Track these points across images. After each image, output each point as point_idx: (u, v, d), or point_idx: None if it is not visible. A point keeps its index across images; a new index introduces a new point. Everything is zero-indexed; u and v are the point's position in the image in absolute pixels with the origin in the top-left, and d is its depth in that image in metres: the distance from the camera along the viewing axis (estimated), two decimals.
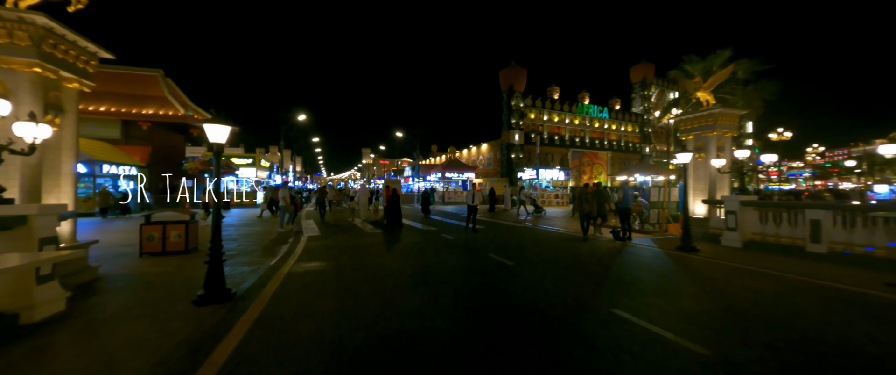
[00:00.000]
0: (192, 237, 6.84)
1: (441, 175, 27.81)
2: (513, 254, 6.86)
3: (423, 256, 6.80)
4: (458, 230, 10.59)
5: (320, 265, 5.90)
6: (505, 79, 28.74)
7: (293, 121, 22.26)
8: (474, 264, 6.13)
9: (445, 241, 8.62)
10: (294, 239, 8.73)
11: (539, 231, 10.59)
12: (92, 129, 18.21)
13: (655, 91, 38.20)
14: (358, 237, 9.21)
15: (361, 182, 77.83)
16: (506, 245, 7.98)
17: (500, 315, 3.68)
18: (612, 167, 34.82)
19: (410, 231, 10.52)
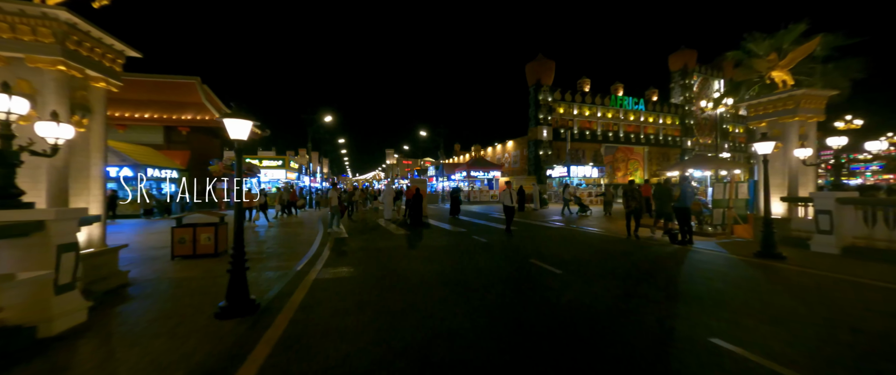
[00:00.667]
0: (222, 240, 6.69)
1: (466, 174, 27.17)
2: (558, 260, 6.10)
3: (457, 261, 6.21)
4: (489, 232, 9.91)
5: (348, 271, 5.48)
6: (532, 72, 27.57)
7: (320, 122, 22.55)
8: (517, 271, 5.45)
9: (479, 244, 7.99)
10: (321, 242, 8.47)
11: (580, 233, 9.68)
12: (137, 135, 19.37)
13: (697, 79, 35.25)
14: (386, 239, 8.80)
15: (386, 182, 78.91)
16: (547, 249, 7.21)
17: (569, 343, 3.00)
18: (649, 163, 32.52)
19: (439, 233, 9.98)
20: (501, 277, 5.14)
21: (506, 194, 9.26)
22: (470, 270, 5.56)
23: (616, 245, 7.66)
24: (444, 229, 10.72)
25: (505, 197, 9.27)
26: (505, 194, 9.27)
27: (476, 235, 9.41)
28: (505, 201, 9.23)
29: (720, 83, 37.09)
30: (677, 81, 34.63)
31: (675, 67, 34.77)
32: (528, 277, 5.10)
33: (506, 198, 9.21)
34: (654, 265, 5.81)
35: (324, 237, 9.11)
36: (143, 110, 18.64)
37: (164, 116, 18.65)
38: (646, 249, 7.25)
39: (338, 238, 8.88)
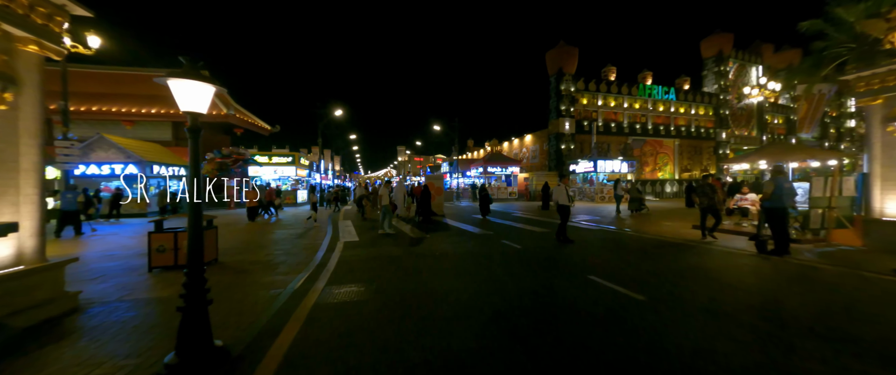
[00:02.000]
0: (210, 247, 5.60)
1: (483, 170, 25.73)
2: (628, 278, 4.70)
3: (493, 276, 4.90)
4: (520, 235, 8.55)
5: (357, 291, 4.26)
6: (553, 61, 25.77)
7: (330, 117, 21.60)
8: (581, 294, 4.09)
9: (512, 251, 6.65)
10: (328, 247, 7.32)
11: (631, 237, 8.19)
12: (146, 132, 18.87)
13: (733, 66, 32.48)
14: (399, 245, 7.57)
15: (397, 179, 78.10)
16: (605, 261, 5.80)
17: None
18: (679, 157, 30.20)
19: (461, 236, 8.68)
20: (562, 304, 3.80)
21: (560, 191, 7.44)
22: (513, 291, 4.24)
23: (691, 254, 6.17)
24: (466, 231, 9.41)
25: (558, 194, 7.46)
26: (558, 191, 7.49)
27: (506, 239, 8.06)
28: (560, 198, 7.42)
29: (758, 70, 34.18)
30: (711, 68, 31.98)
31: (708, 53, 32.11)
32: (601, 304, 3.74)
33: (561, 195, 7.39)
34: (764, 287, 4.35)
35: (331, 242, 7.97)
36: (149, 106, 18.07)
37: (171, 112, 18.02)
38: (732, 259, 5.75)
39: (347, 242, 7.72)
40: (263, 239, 8.40)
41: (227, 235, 8.99)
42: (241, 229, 10.36)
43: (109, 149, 14.70)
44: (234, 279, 4.86)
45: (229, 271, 5.30)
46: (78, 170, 14.23)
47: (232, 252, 6.73)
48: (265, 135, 23.25)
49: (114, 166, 14.62)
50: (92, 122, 17.43)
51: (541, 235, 8.64)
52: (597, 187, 20.63)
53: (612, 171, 20.75)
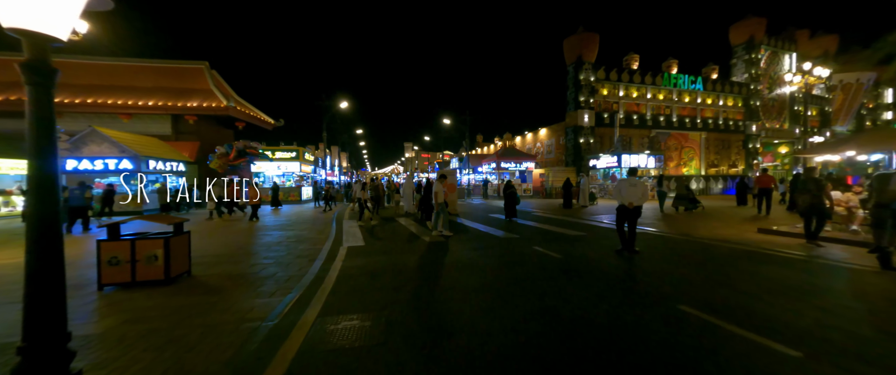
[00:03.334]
0: (179, 258, 4.48)
1: (495, 165, 24.38)
2: (742, 311, 3.40)
3: (542, 301, 3.65)
4: (554, 241, 7.26)
5: (360, 327, 3.06)
6: (571, 48, 24.13)
7: (335, 110, 20.51)
8: (682, 342, 2.80)
9: (554, 263, 5.38)
10: (329, 254, 6.16)
11: (695, 242, 6.82)
12: (145, 125, 18.05)
13: (765, 54, 30.22)
14: (414, 251, 6.37)
15: (405, 175, 76.96)
16: (691, 281, 4.48)
17: None
18: (706, 151, 28.28)
19: (485, 241, 7.43)
20: (664, 358, 2.51)
21: (628, 187, 5.53)
22: (579, 329, 2.97)
23: (798, 270, 4.81)
24: (487, 234, 8.15)
25: (626, 192, 5.52)
26: (625, 188, 5.55)
27: (537, 244, 6.79)
28: (626, 196, 5.48)
29: (792, 58, 31.82)
30: (741, 55, 29.80)
31: (737, 39, 29.93)
32: (730, 364, 2.44)
33: (628, 193, 5.49)
34: None
35: (333, 247, 6.82)
36: (147, 98, 17.21)
37: (169, 104, 17.14)
38: (859, 279, 4.38)
39: (351, 247, 6.55)
40: (256, 243, 7.29)
41: (217, 237, 7.94)
42: (235, 230, 9.32)
43: (102, 143, 13.86)
44: (201, 302, 3.72)
45: (198, 290, 4.16)
46: (69, 165, 13.45)
47: (213, 261, 5.62)
48: (269, 129, 22.31)
49: (107, 161, 13.78)
50: (88, 115, 16.66)
51: (577, 240, 7.33)
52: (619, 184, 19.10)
53: (638, 166, 19.16)
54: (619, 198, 5.68)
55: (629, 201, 5.54)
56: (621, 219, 5.69)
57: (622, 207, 5.67)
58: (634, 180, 5.68)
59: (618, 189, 5.73)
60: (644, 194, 5.48)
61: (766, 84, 30.65)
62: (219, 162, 17.10)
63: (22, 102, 9.70)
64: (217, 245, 6.99)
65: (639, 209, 5.54)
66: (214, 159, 17.14)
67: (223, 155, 17.19)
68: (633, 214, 5.56)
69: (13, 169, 14.16)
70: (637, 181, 5.63)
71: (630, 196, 5.56)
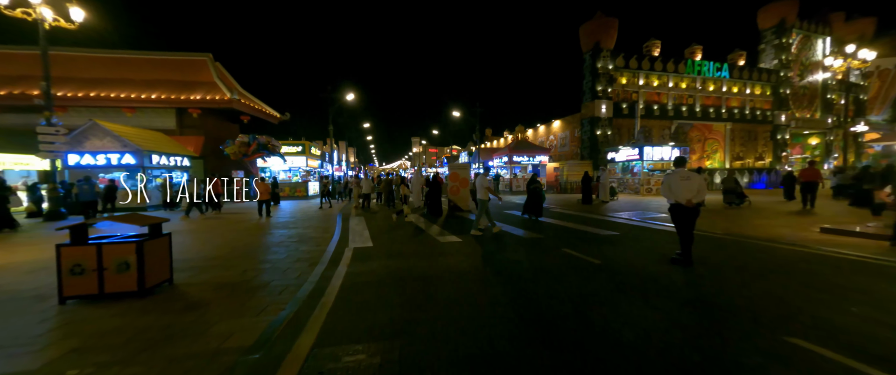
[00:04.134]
0: (155, 266, 3.83)
1: (507, 159, 23.44)
2: (883, 344, 2.55)
3: (608, 332, 2.85)
4: (584, 242, 6.43)
5: (365, 366, 2.33)
6: (588, 35, 22.84)
7: (342, 102, 19.83)
8: None
9: (593, 270, 4.57)
10: (332, 258, 5.47)
11: (762, 248, 5.91)
12: (149, 120, 17.68)
13: (797, 38, 28.26)
14: (428, 254, 5.63)
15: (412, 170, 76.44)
16: (780, 300, 3.63)
17: None
18: (731, 143, 26.72)
19: (507, 242, 6.65)
20: None
21: (686, 181, 4.52)
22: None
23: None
24: (507, 233, 7.35)
25: (685, 187, 4.50)
26: (680, 183, 4.54)
27: (566, 246, 5.98)
28: (687, 193, 4.46)
29: (825, 43, 29.73)
30: (770, 40, 27.91)
31: (766, 23, 28.03)
32: None
33: (688, 188, 4.48)
34: None
35: (337, 248, 6.13)
36: (150, 91, 16.80)
37: (172, 97, 16.69)
38: None
39: (358, 248, 5.85)
40: (254, 243, 6.66)
41: (213, 237, 7.35)
42: (238, 228, 8.74)
43: (104, 137, 13.47)
44: (175, 323, 3.05)
45: (177, 304, 3.50)
46: (71, 159, 13.12)
47: (202, 265, 4.98)
48: (274, 123, 21.81)
49: (109, 156, 13.41)
50: (92, 109, 16.34)
51: (610, 241, 6.48)
52: (643, 178, 17.99)
53: (661, 159, 18.01)
54: (671, 195, 4.66)
55: (687, 199, 4.51)
56: (680, 221, 4.63)
57: (678, 206, 4.60)
58: (687, 173, 4.66)
59: (667, 185, 4.73)
60: (701, 189, 4.52)
61: (798, 71, 28.72)
62: (236, 149, 16.69)
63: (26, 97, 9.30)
64: (211, 246, 6.38)
65: (698, 208, 4.58)
66: (233, 145, 16.78)
67: (244, 144, 16.77)
68: (693, 214, 4.56)
69: (17, 164, 13.94)
70: (691, 174, 4.62)
71: (686, 192, 4.53)
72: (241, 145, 17.02)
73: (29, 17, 10.34)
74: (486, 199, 7.32)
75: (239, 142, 16.91)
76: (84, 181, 10.81)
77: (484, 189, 7.30)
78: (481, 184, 7.36)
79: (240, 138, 17.11)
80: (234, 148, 16.99)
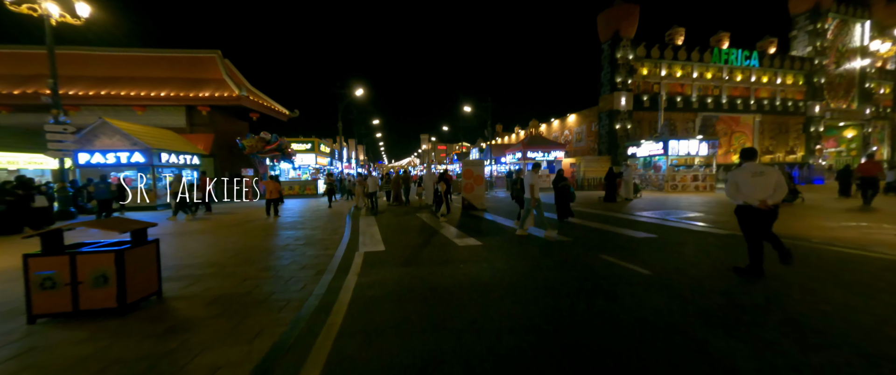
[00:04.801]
0: (139, 280, 3.34)
1: (521, 155, 22.61)
2: None
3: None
4: (621, 246, 5.72)
5: None
6: (607, 24, 21.72)
7: (351, 98, 19.38)
8: None
9: (645, 283, 3.89)
10: (341, 265, 4.93)
11: (841, 255, 5.09)
12: (160, 118, 17.57)
13: (833, 23, 26.36)
14: (447, 261, 5.03)
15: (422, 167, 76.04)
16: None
17: None
18: (760, 136, 25.20)
19: (532, 246, 5.99)
20: None
21: (758, 178, 3.74)
22: None
23: None
24: (530, 235, 6.68)
25: (757, 185, 3.73)
26: (751, 179, 3.77)
27: (602, 251, 5.28)
28: (760, 192, 3.70)
29: (864, 27, 27.67)
30: (803, 26, 26.13)
31: (798, 8, 26.25)
32: None
33: (762, 186, 3.71)
34: None
35: (347, 253, 5.59)
36: (160, 89, 16.66)
37: (181, 94, 16.52)
38: None
39: (369, 252, 5.29)
40: (258, 247, 6.19)
41: (220, 238, 6.93)
42: (244, 230, 8.34)
43: (114, 135, 13.33)
44: (154, 352, 2.53)
45: (160, 326, 2.99)
46: (81, 158, 13.03)
47: (198, 273, 4.51)
48: (284, 120, 21.55)
49: (119, 154, 13.26)
50: (104, 107, 16.31)
51: (650, 245, 5.75)
52: (667, 174, 16.95)
53: (688, 153, 16.93)
54: (739, 196, 3.84)
55: (761, 199, 3.68)
56: (751, 227, 3.84)
57: (747, 208, 3.80)
58: (759, 167, 3.82)
59: (734, 183, 3.92)
60: (780, 186, 3.72)
61: (834, 58, 26.83)
62: (253, 143, 16.58)
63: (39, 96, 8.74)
64: (215, 250, 5.93)
65: (776, 211, 3.79)
66: (252, 139, 16.68)
67: (262, 141, 16.66)
68: (768, 218, 3.74)
69: (31, 163, 13.97)
70: (764, 168, 3.79)
71: (759, 191, 3.71)
72: (260, 140, 16.83)
73: (35, 13, 10.14)
74: (538, 197, 6.67)
75: (259, 137, 16.78)
76: (100, 180, 10.73)
77: (534, 186, 6.65)
78: (531, 181, 6.73)
79: (262, 134, 16.98)
80: (252, 142, 16.83)
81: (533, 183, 6.63)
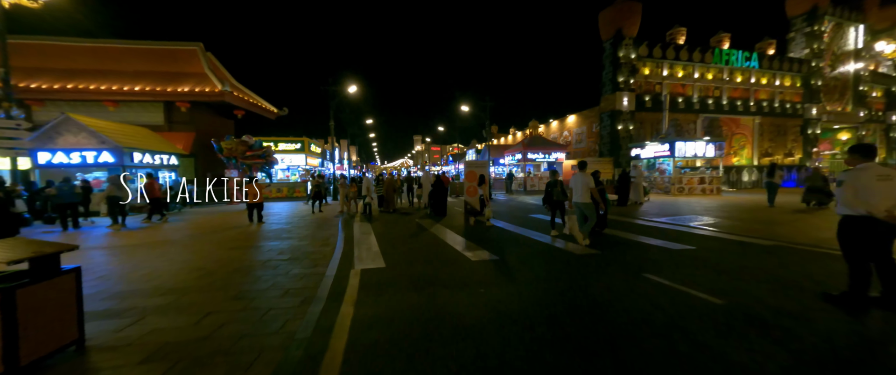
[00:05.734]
0: (44, 328, 2.36)
1: (521, 157, 21.89)
2: None
3: None
4: (665, 262, 4.93)
5: None
6: (609, 22, 21.20)
7: (343, 95, 18.34)
8: None
9: (734, 322, 3.06)
10: (332, 289, 3.98)
11: None
12: (135, 115, 16.25)
13: (829, 25, 26.42)
14: (461, 281, 4.15)
15: (416, 169, 74.92)
16: None
17: None
18: (760, 138, 25.03)
19: (558, 262, 5.15)
20: None
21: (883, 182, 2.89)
22: None
23: None
24: (550, 247, 5.84)
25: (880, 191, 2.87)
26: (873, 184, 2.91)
27: (645, 268, 4.46)
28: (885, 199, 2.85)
29: (858, 31, 27.86)
30: (800, 28, 26.12)
31: (795, 10, 26.25)
32: None
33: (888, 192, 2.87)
34: None
35: (339, 272, 4.64)
36: (134, 83, 15.36)
37: (158, 89, 15.26)
38: None
39: (366, 270, 4.37)
40: (234, 261, 5.19)
41: (189, 249, 5.89)
42: (220, 238, 7.29)
43: (79, 133, 12.06)
44: None
45: None
46: (42, 158, 11.72)
47: (151, 304, 3.51)
48: (272, 118, 20.37)
49: (84, 154, 11.99)
50: (72, 102, 14.95)
51: (692, 259, 4.97)
52: (674, 177, 16.39)
53: (694, 155, 16.41)
54: (860, 205, 2.95)
55: (887, 209, 2.83)
56: (867, 245, 3.00)
57: (868, 221, 2.93)
58: (884, 170, 2.97)
59: (853, 187, 2.99)
60: None
61: (829, 61, 26.91)
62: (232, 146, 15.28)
63: None
64: (174, 267, 4.91)
65: None
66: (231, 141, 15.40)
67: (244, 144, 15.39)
68: (891, 234, 2.90)
69: None
70: (891, 171, 2.96)
71: (886, 198, 2.86)
72: (241, 143, 15.57)
73: None
74: (589, 202, 5.92)
75: (241, 140, 15.50)
76: (63, 183, 9.52)
77: (587, 190, 5.92)
78: (582, 183, 5.96)
79: (245, 137, 15.72)
80: (232, 144, 15.56)
81: (592, 187, 5.89)
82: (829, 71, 26.97)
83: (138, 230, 8.56)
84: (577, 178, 6.06)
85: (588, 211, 5.96)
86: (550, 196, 6.81)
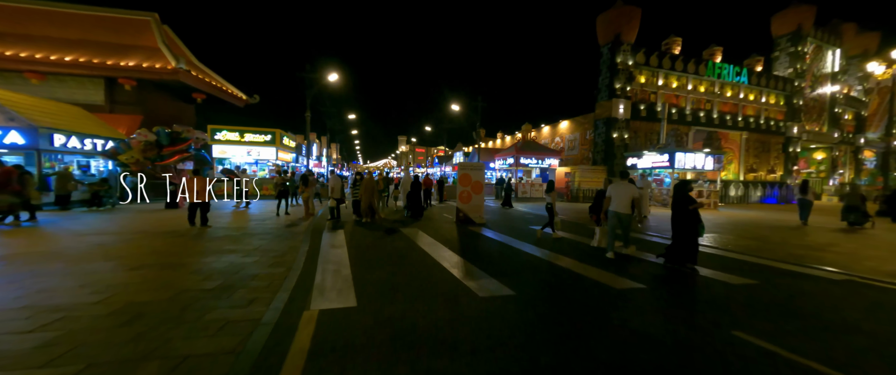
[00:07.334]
0: None
1: (514, 162, 20.74)
2: None
3: None
4: (744, 307, 3.66)
5: None
6: (607, 26, 20.54)
7: (322, 84, 16.46)
8: None
9: None
10: (270, 346, 2.37)
11: None
12: (69, 90, 13.70)
13: (811, 47, 27.18)
14: (471, 350, 2.67)
15: (399, 170, 72.79)
16: None
17: None
18: (746, 154, 25.18)
19: (609, 302, 3.78)
20: None
21: None
22: None
23: None
24: (566, 270, 4.48)
25: None
26: None
27: (710, 310, 3.15)
28: None
29: (835, 54, 28.92)
30: (784, 48, 26.68)
31: (781, 30, 26.81)
32: None
33: None
34: None
35: (281, 322, 3.02)
36: (68, 52, 12.90)
37: (96, 61, 12.89)
38: None
39: (324, 311, 2.81)
40: (124, 295, 3.45)
41: (71, 270, 4.03)
42: (131, 249, 5.44)
43: None
44: None
45: None
46: None
47: (12, 364, 1.78)
48: (240, 105, 18.15)
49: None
50: None
51: (768, 300, 3.75)
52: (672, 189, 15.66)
53: (693, 167, 15.78)
54: None
55: None
56: None
57: None
58: None
59: None
60: None
61: (809, 82, 27.69)
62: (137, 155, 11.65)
63: None
64: (24, 311, 3.13)
65: None
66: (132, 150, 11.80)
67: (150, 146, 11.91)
68: None
69: None
70: None
71: None
72: (146, 149, 11.97)
73: None
74: (630, 213, 5.38)
75: (141, 142, 11.97)
76: None
77: (629, 199, 5.37)
78: (626, 193, 5.36)
79: (142, 136, 12.14)
80: (135, 153, 11.83)
81: (637, 196, 5.32)
82: (808, 91, 27.74)
83: (23, 232, 6.49)
84: (618, 186, 5.48)
85: (625, 223, 5.39)
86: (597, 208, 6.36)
